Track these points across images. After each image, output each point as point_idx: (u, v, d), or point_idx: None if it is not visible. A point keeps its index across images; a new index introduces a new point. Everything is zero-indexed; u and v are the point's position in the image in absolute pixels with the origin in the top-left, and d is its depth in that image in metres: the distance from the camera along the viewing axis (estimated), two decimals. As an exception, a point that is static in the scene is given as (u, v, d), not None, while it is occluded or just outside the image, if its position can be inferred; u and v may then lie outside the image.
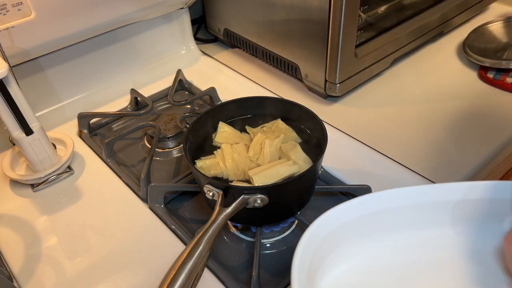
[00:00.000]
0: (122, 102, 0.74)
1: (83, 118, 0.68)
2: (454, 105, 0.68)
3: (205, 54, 0.86)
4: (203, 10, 0.89)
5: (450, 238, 0.43)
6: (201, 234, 0.40)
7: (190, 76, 0.79)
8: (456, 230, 0.43)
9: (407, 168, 0.58)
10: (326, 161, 0.59)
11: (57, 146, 0.62)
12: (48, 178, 0.59)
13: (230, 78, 0.79)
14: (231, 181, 0.50)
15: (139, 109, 0.74)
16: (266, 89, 0.76)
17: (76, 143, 0.64)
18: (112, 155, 0.63)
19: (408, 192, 0.42)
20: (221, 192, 0.45)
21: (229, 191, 0.45)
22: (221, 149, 0.53)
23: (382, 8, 0.71)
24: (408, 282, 0.41)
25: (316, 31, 0.65)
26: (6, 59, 0.51)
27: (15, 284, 0.47)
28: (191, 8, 0.82)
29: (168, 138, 0.66)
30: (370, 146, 0.62)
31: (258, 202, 0.44)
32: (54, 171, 0.58)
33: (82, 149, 0.65)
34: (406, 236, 0.43)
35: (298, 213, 0.52)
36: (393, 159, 0.59)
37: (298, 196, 0.50)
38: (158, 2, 0.72)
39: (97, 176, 0.60)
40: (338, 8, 0.59)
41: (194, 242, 0.39)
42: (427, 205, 0.43)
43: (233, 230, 0.53)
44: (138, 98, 0.73)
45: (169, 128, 0.66)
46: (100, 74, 0.74)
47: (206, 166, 0.52)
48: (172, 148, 0.66)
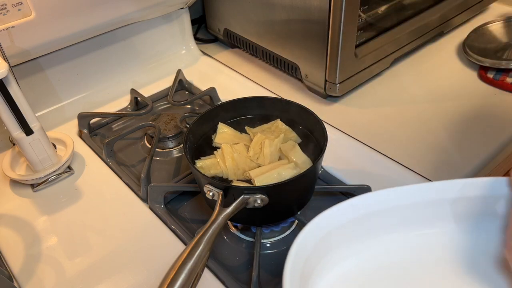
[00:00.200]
0: (122, 102, 0.74)
1: (83, 118, 0.68)
2: (454, 105, 0.68)
3: (205, 54, 0.86)
4: (203, 10, 0.89)
5: (447, 236, 0.43)
6: (201, 234, 0.40)
7: (190, 76, 0.79)
8: (452, 227, 0.43)
9: (407, 168, 0.58)
10: (326, 161, 0.59)
11: (57, 146, 0.62)
12: (48, 178, 0.59)
13: (230, 78, 0.79)
14: (231, 180, 0.50)
15: (139, 109, 0.74)
16: (266, 89, 0.76)
17: (76, 143, 0.64)
18: (112, 155, 0.63)
19: (401, 191, 0.42)
20: (221, 192, 0.45)
21: (229, 191, 0.45)
22: (221, 148, 0.53)
23: (382, 8, 0.71)
24: (406, 282, 0.41)
25: (316, 31, 0.65)
26: (6, 59, 0.51)
27: (15, 284, 0.47)
28: (191, 8, 0.82)
29: (168, 138, 0.66)
30: (370, 146, 0.62)
31: (258, 202, 0.44)
32: (54, 171, 0.58)
33: (82, 149, 0.65)
34: (403, 236, 0.44)
35: (298, 213, 0.52)
36: (393, 159, 0.59)
37: (298, 196, 0.50)
38: (158, 2, 0.72)
39: (97, 176, 0.60)
40: (338, 8, 0.59)
41: (194, 242, 0.39)
42: (423, 204, 0.43)
43: (233, 230, 0.53)
44: (138, 98, 0.73)
45: (169, 128, 0.66)
46: (100, 74, 0.74)
47: (206, 166, 0.52)
48: (172, 148, 0.66)
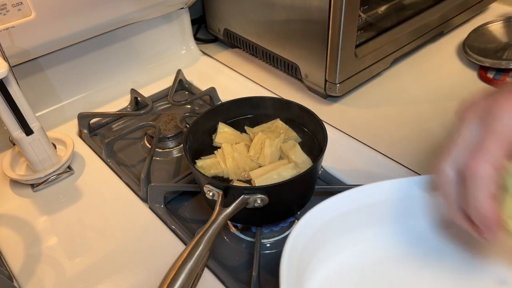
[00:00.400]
0: (122, 102, 0.74)
1: (83, 118, 0.68)
2: (454, 105, 0.67)
3: (205, 54, 0.86)
4: (203, 10, 0.89)
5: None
6: (201, 234, 0.40)
7: (190, 76, 0.79)
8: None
9: (407, 168, 0.58)
10: (326, 161, 0.59)
11: (57, 146, 0.62)
12: (48, 178, 0.59)
13: (230, 78, 0.79)
14: (232, 180, 0.50)
15: (139, 109, 0.74)
16: (266, 89, 0.76)
17: (76, 143, 0.64)
18: (112, 155, 0.63)
19: (389, 185, 0.44)
20: (221, 192, 0.45)
21: (229, 191, 0.45)
22: (221, 148, 0.53)
23: (382, 8, 0.71)
24: (401, 275, 0.42)
25: (316, 31, 0.65)
26: (6, 59, 0.51)
27: (15, 284, 0.47)
28: (191, 8, 0.82)
29: (168, 138, 0.66)
30: (370, 146, 0.62)
31: (258, 202, 0.44)
32: (54, 171, 0.58)
33: (82, 149, 0.65)
34: (394, 230, 0.44)
35: (298, 213, 0.53)
36: (393, 159, 0.59)
37: (298, 196, 0.50)
38: (158, 2, 0.72)
39: (97, 176, 0.60)
40: (338, 8, 0.59)
41: (194, 242, 0.39)
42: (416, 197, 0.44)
43: (233, 230, 0.53)
44: (138, 98, 0.73)
45: (169, 128, 0.66)
46: (100, 74, 0.74)
47: (206, 165, 0.51)
48: (172, 148, 0.66)
